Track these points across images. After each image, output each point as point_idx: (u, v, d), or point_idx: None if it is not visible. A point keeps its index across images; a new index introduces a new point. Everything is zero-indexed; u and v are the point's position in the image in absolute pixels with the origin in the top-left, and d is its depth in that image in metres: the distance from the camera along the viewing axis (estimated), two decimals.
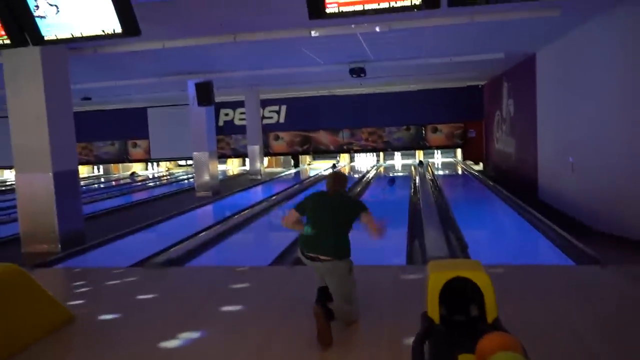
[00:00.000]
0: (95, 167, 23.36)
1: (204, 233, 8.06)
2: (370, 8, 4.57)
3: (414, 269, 5.35)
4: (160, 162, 22.91)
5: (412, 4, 4.46)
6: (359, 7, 4.59)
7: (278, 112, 20.68)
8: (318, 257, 3.78)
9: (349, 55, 11.01)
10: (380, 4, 4.53)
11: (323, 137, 20.85)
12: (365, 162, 21.30)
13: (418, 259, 5.98)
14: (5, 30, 5.33)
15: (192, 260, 6.47)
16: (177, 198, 13.44)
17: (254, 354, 3.40)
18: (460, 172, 17.83)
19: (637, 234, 6.36)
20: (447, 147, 20.72)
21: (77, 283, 5.50)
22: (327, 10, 4.64)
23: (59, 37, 5.25)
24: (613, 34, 7.02)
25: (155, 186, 17.53)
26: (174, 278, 5.37)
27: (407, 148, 20.78)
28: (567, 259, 5.68)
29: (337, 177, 4.12)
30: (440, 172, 17.53)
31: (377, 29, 7.46)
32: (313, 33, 7.71)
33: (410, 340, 2.67)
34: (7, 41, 5.41)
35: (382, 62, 11.78)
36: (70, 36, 5.21)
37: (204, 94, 12.14)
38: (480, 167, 18.68)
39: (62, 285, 5.38)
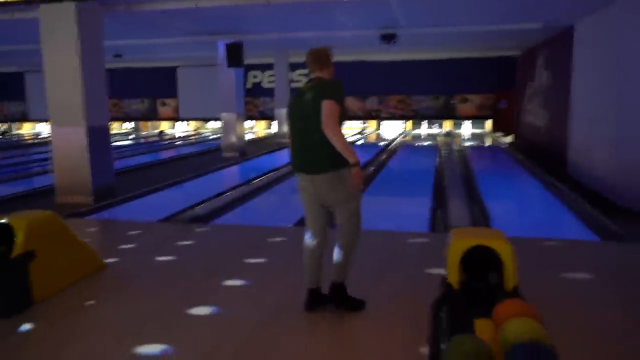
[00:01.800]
0: (126, 123, 23.71)
1: (229, 193, 8.23)
2: None
3: (436, 236, 5.40)
4: (188, 121, 23.13)
5: None
6: None
7: (307, 76, 20.47)
8: (308, 175, 3.16)
9: (381, 21, 10.84)
10: None
11: (351, 103, 20.71)
12: (392, 130, 21.15)
13: (440, 228, 6.02)
14: None
15: (217, 218, 6.64)
16: (203, 158, 13.64)
17: (281, 304, 3.52)
18: (488, 143, 17.59)
19: None
20: (477, 118, 20.34)
21: (108, 234, 5.72)
22: None
23: None
24: None
25: (183, 145, 17.75)
26: (200, 234, 5.53)
27: (436, 117, 20.50)
28: (592, 234, 5.65)
29: (313, 55, 3.25)
30: (468, 143, 17.32)
31: None
32: None
33: (428, 305, 2.74)
34: None
35: (414, 29, 11.58)
36: None
37: (234, 55, 12.13)
38: (510, 139, 18.37)
39: (94, 235, 5.60)
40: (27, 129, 24.19)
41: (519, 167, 11.39)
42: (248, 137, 19.66)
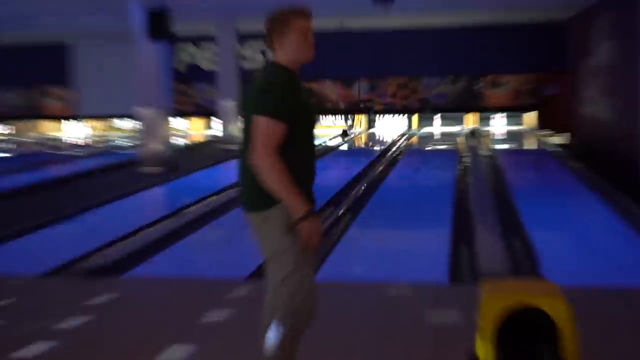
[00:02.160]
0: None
1: (153, 228, 8.10)
2: None
3: (459, 290, 5.36)
4: (88, 120, 22.94)
5: None
6: None
7: (264, 52, 20.53)
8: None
9: None
10: None
11: (330, 90, 20.71)
12: (391, 129, 21.20)
13: (465, 275, 6.00)
14: None
15: (132, 268, 6.47)
16: (113, 175, 13.46)
17: None
18: (531, 146, 17.73)
19: None
20: (513, 110, 20.59)
21: None
22: None
23: None
24: None
25: (82, 156, 17.52)
26: (110, 293, 5.40)
27: (454, 109, 20.68)
28: None
29: (265, 25, 3.11)
30: (503, 147, 17.41)
31: None
32: None
33: None
34: None
35: None
36: None
37: (158, 22, 12.06)
38: (564, 139, 18.37)
39: None
40: None
41: (577, 181, 11.48)
42: (180, 142, 19.53)
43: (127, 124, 22.54)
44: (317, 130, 3.21)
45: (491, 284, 3.05)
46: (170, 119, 14.21)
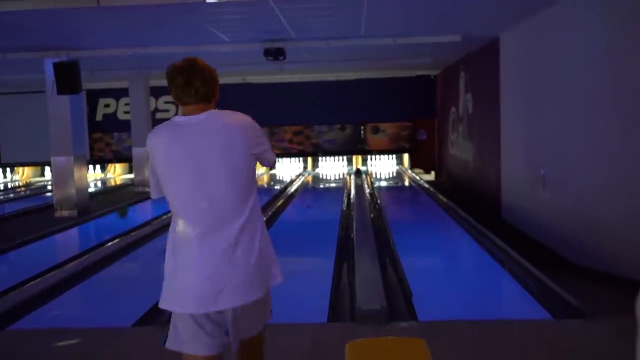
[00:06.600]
0: None
1: (49, 275, 7.05)
2: None
3: (337, 329, 4.74)
4: (14, 168, 21.52)
5: None
6: None
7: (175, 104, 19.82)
8: None
9: (264, 32, 10.48)
10: None
11: None
12: (288, 170, 20.87)
13: (345, 311, 5.41)
14: None
15: (19, 319, 5.53)
16: (26, 219, 12.33)
17: None
18: (407, 183, 17.69)
19: (626, 270, 6.10)
20: (391, 152, 20.69)
21: None
22: None
23: None
24: (594, 13, 6.80)
25: (5, 200, 16.22)
26: None
27: (342, 152, 20.61)
28: (541, 309, 5.30)
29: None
30: (383, 184, 17.31)
31: None
32: None
33: None
34: None
35: (307, 42, 11.35)
36: None
37: (67, 78, 11.14)
38: (431, 176, 18.64)
39: None
40: None
41: (444, 214, 11.24)
42: (101, 186, 18.53)
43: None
44: None
45: (357, 346, 2.48)
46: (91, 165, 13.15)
